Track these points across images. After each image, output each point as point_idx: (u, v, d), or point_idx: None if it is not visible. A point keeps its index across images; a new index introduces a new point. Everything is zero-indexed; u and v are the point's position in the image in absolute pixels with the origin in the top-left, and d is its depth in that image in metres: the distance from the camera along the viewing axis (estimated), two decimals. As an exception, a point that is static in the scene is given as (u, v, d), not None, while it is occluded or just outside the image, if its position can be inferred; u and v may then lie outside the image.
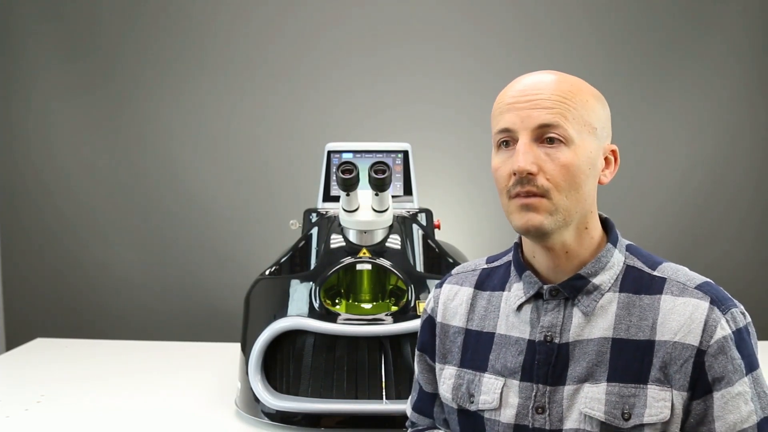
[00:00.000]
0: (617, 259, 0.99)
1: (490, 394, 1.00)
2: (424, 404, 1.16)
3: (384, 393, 1.58)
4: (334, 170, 1.87)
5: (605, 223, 1.02)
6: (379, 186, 1.69)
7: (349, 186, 1.67)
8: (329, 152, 2.05)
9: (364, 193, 1.76)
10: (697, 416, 0.91)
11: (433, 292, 1.15)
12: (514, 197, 0.93)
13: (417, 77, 2.95)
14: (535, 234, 0.94)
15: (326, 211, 1.95)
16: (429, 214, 1.97)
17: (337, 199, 1.87)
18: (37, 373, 2.06)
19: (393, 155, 2.05)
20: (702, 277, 0.96)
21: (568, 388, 0.95)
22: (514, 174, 0.92)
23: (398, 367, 1.60)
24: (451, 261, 1.81)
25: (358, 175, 1.67)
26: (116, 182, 3.06)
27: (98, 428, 1.65)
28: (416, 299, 1.65)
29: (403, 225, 1.85)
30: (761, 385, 0.93)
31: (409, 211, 1.95)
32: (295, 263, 1.83)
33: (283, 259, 1.84)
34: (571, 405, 0.95)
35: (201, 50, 2.99)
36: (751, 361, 0.92)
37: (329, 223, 1.86)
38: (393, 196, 1.91)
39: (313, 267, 1.76)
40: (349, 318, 1.61)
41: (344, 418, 1.58)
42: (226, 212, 3.03)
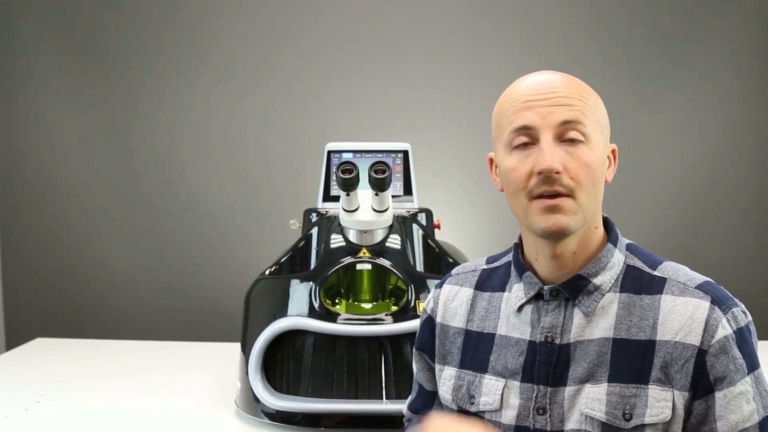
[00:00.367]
0: (618, 259, 0.98)
1: (491, 395, 1.00)
2: (421, 403, 1.16)
3: (384, 393, 1.58)
4: (334, 170, 1.87)
5: (605, 222, 1.02)
6: (379, 186, 1.69)
7: (349, 186, 1.67)
8: (329, 152, 2.05)
9: (364, 193, 1.76)
10: (699, 416, 0.91)
11: (433, 292, 1.14)
12: (537, 198, 0.91)
13: (417, 77, 2.95)
14: (560, 236, 0.93)
15: (326, 211, 1.95)
16: (429, 214, 1.97)
17: (337, 199, 1.87)
18: (37, 373, 2.06)
19: (393, 155, 2.05)
20: (702, 277, 0.96)
21: (569, 389, 0.95)
22: (539, 173, 0.90)
23: (398, 367, 1.60)
24: (451, 261, 1.81)
25: (358, 175, 1.67)
26: (116, 182, 3.06)
27: (98, 428, 1.65)
28: (416, 299, 1.64)
29: (403, 225, 1.85)
30: (762, 384, 0.92)
31: (409, 211, 1.95)
32: (295, 263, 1.83)
33: (283, 259, 1.84)
34: (572, 406, 0.95)
35: (201, 50, 2.99)
36: (752, 360, 0.92)
37: (329, 223, 1.86)
38: (393, 196, 1.91)
39: (313, 267, 1.76)
40: (349, 318, 1.61)
41: (344, 418, 1.58)
42: (226, 212, 3.03)
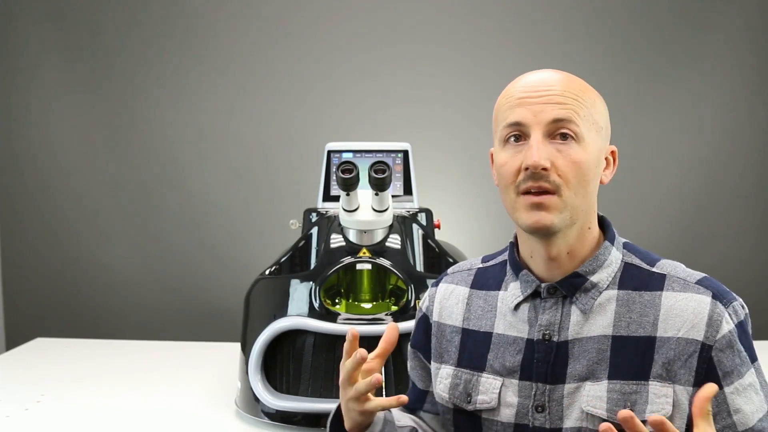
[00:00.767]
0: (615, 257, 0.99)
1: (488, 393, 1.00)
2: (414, 399, 1.16)
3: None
4: (334, 170, 1.87)
5: (601, 221, 1.02)
6: (379, 186, 1.69)
7: (349, 186, 1.67)
8: (329, 152, 2.04)
9: (364, 193, 1.76)
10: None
11: (429, 291, 1.15)
12: (524, 194, 0.92)
13: (417, 77, 2.95)
14: (544, 233, 0.93)
15: (326, 211, 1.95)
16: (429, 214, 1.97)
17: (337, 199, 1.87)
18: (37, 373, 2.06)
19: (393, 155, 2.05)
20: (700, 273, 0.97)
21: (567, 387, 0.95)
22: (526, 169, 0.91)
23: (398, 367, 1.60)
24: (451, 261, 1.81)
25: (358, 174, 1.67)
26: (116, 182, 3.06)
27: (98, 428, 1.65)
28: (416, 299, 1.64)
29: (403, 225, 1.85)
30: (762, 375, 0.94)
31: (409, 211, 1.95)
32: (295, 263, 1.83)
33: (283, 259, 1.84)
34: (572, 403, 0.95)
35: (201, 50, 2.99)
36: (752, 352, 0.94)
37: (329, 223, 1.86)
38: (393, 196, 1.91)
39: (313, 267, 1.76)
40: (349, 318, 1.61)
41: (344, 418, 1.58)
42: (227, 212, 3.03)
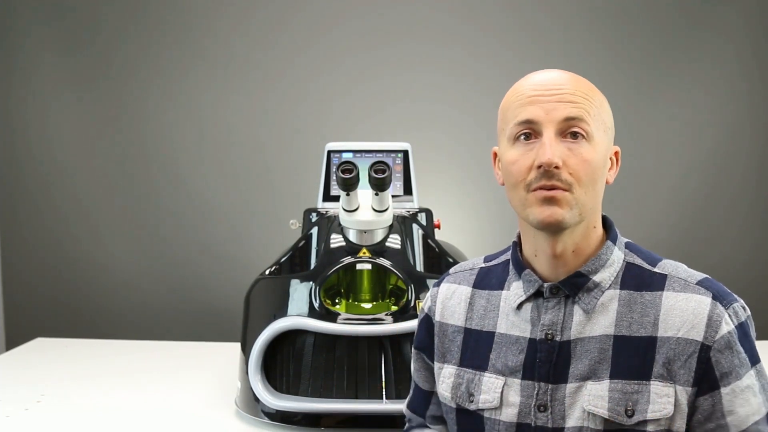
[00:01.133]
0: (617, 257, 0.99)
1: (491, 393, 1.00)
2: (419, 402, 1.16)
3: (384, 393, 1.58)
4: (334, 170, 1.87)
5: (604, 220, 1.02)
6: (379, 186, 1.69)
7: (349, 186, 1.67)
8: (329, 152, 2.04)
9: (364, 193, 1.76)
10: (705, 412, 0.92)
11: (431, 291, 1.15)
12: (535, 190, 0.92)
13: (417, 77, 2.95)
14: (555, 228, 0.94)
15: (326, 211, 1.95)
16: (429, 214, 1.97)
17: (337, 199, 1.87)
18: (37, 373, 2.06)
19: (393, 155, 2.04)
20: (701, 273, 0.97)
21: (570, 386, 0.95)
22: (538, 167, 0.91)
23: (398, 367, 1.60)
24: (451, 261, 1.81)
25: (358, 174, 1.66)
26: (116, 182, 3.06)
27: (98, 428, 1.65)
28: (416, 299, 1.64)
29: (403, 225, 1.85)
30: (764, 377, 0.94)
31: (409, 211, 1.95)
32: (295, 263, 1.83)
33: (283, 259, 1.84)
34: (574, 402, 0.95)
35: (201, 49, 2.99)
36: (754, 354, 0.93)
37: (329, 223, 1.86)
38: (393, 196, 1.91)
39: (313, 267, 1.76)
40: (349, 318, 1.61)
41: (344, 418, 1.58)
42: (226, 212, 3.03)
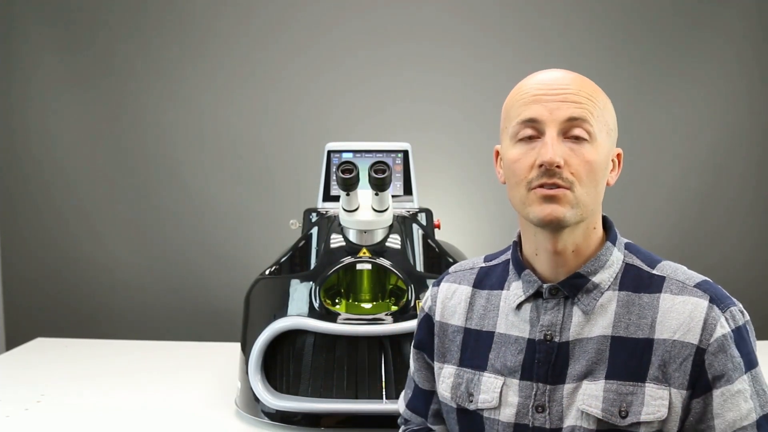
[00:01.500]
0: (616, 258, 0.99)
1: (490, 393, 1.00)
2: (419, 402, 1.16)
3: (384, 393, 1.58)
4: (334, 170, 1.87)
5: (604, 221, 1.02)
6: (379, 186, 1.69)
7: (349, 186, 1.67)
8: (329, 152, 2.04)
9: (364, 193, 1.76)
10: (697, 414, 0.92)
11: (431, 290, 1.14)
12: (536, 188, 0.93)
13: (417, 77, 2.95)
14: (556, 226, 0.94)
15: (326, 211, 1.95)
16: (429, 214, 1.97)
17: (337, 199, 1.87)
18: (37, 373, 2.06)
19: (393, 155, 2.04)
20: (700, 276, 0.97)
21: (567, 387, 0.95)
22: (540, 166, 0.92)
23: (398, 367, 1.60)
24: (451, 260, 1.81)
25: (358, 174, 1.66)
26: (116, 182, 3.06)
27: (98, 428, 1.65)
28: (416, 299, 1.64)
29: (403, 225, 1.85)
30: (760, 383, 0.93)
31: (409, 211, 1.95)
32: (295, 263, 1.83)
33: (283, 259, 1.84)
34: (571, 403, 0.95)
35: (201, 49, 2.99)
36: (751, 359, 0.93)
37: (329, 223, 1.86)
38: (393, 196, 1.91)
39: (313, 267, 1.76)
40: (349, 318, 1.61)
41: (344, 418, 1.58)
42: (227, 212, 3.03)
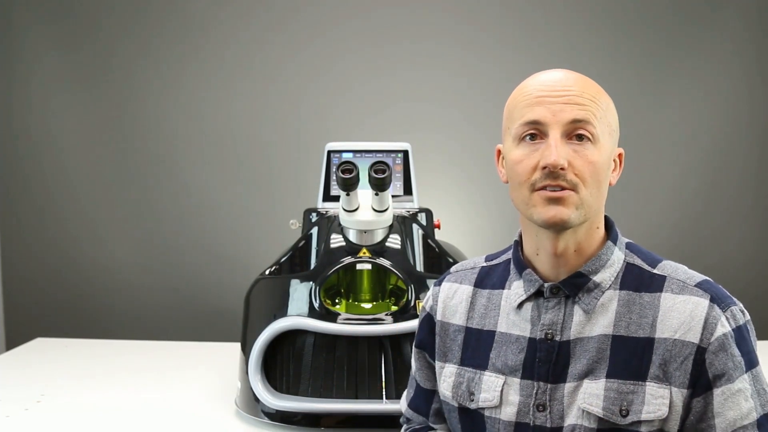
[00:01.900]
0: (617, 257, 0.99)
1: (491, 392, 1.01)
2: (421, 401, 1.16)
3: (384, 393, 1.58)
4: (334, 170, 1.87)
5: (605, 221, 1.02)
6: (379, 186, 1.69)
7: (349, 186, 1.67)
8: (329, 152, 2.04)
9: (364, 193, 1.76)
10: (697, 413, 0.92)
11: (432, 290, 1.15)
12: (540, 190, 0.93)
13: (417, 77, 2.95)
14: (560, 227, 0.94)
15: (326, 211, 1.95)
16: (429, 214, 1.97)
17: (337, 199, 1.87)
18: (37, 373, 2.06)
19: (393, 155, 2.04)
20: (701, 275, 0.97)
21: (568, 386, 0.95)
22: (543, 168, 0.92)
23: (398, 367, 1.60)
24: (451, 260, 1.81)
25: (358, 174, 1.66)
26: (116, 182, 3.06)
27: (98, 428, 1.65)
28: (416, 299, 1.64)
29: (403, 225, 1.85)
30: (761, 383, 0.93)
31: (409, 211, 1.95)
32: (295, 263, 1.83)
33: (283, 259, 1.84)
34: (572, 402, 0.95)
35: (201, 49, 2.99)
36: (751, 358, 0.93)
37: (329, 223, 1.86)
38: (393, 196, 1.91)
39: (313, 267, 1.76)
40: (349, 318, 1.61)
41: (344, 418, 1.58)
42: (227, 212, 3.03)
